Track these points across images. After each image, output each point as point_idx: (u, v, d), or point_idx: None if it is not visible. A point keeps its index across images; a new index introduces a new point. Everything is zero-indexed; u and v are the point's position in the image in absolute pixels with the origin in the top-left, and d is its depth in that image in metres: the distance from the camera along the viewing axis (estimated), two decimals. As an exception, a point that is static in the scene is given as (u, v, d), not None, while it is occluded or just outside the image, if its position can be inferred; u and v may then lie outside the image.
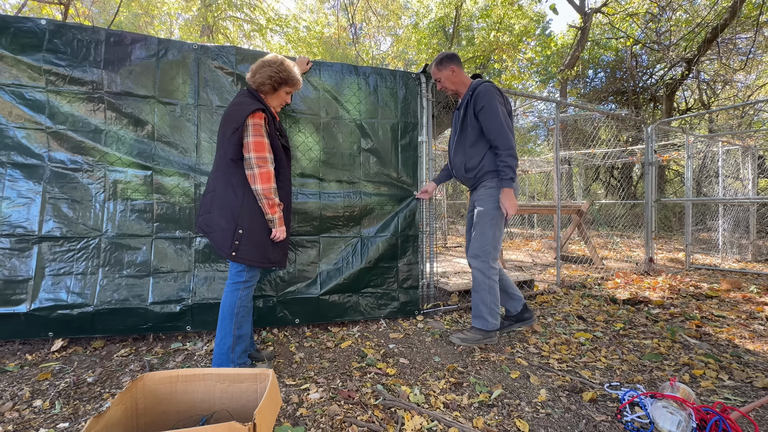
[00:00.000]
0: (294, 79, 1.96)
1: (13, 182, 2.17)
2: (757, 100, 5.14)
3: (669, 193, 12.15)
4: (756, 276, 4.66)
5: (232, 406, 1.39)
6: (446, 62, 2.42)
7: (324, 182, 2.69)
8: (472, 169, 2.39)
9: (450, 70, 2.42)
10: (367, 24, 15.18)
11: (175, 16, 11.45)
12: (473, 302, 2.40)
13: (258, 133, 1.77)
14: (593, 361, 2.19)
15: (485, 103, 2.25)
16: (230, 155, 1.78)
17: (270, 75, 1.89)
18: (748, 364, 2.14)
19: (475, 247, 2.36)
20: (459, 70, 2.43)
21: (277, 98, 1.98)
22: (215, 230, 1.80)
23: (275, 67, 1.90)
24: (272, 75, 1.89)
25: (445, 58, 2.43)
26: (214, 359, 1.82)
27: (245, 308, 1.86)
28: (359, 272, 2.71)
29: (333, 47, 14.80)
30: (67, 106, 2.25)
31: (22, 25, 2.19)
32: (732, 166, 6.32)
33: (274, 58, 1.93)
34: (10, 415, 1.56)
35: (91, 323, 2.20)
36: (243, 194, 1.79)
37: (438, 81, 2.47)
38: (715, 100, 12.05)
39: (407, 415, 1.58)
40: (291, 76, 1.94)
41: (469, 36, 14.30)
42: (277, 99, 1.98)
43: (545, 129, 13.94)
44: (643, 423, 1.56)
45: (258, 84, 1.90)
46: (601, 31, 12.76)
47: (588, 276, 4.57)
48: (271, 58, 1.93)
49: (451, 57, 2.44)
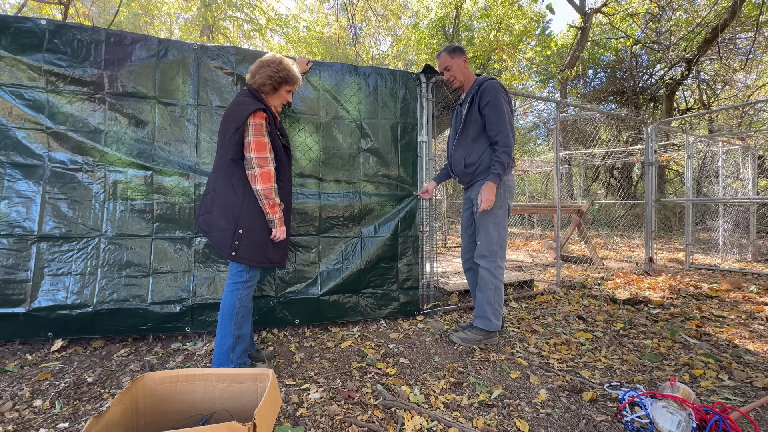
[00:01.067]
0: (294, 77, 1.96)
1: (12, 182, 2.17)
2: (757, 100, 5.15)
3: (669, 193, 12.15)
4: (756, 276, 4.66)
5: (232, 406, 1.39)
6: (459, 52, 2.41)
7: (324, 182, 2.69)
8: (472, 164, 2.38)
9: (462, 59, 2.42)
10: (367, 24, 15.18)
11: (175, 16, 11.45)
12: (478, 301, 2.40)
13: (259, 133, 1.76)
14: (593, 361, 2.19)
15: (491, 98, 2.25)
16: (231, 155, 1.78)
17: (270, 75, 1.89)
18: (748, 364, 2.14)
19: (481, 248, 2.36)
20: (467, 63, 2.44)
21: (278, 97, 1.98)
22: (215, 230, 1.80)
23: (274, 66, 1.90)
24: (272, 75, 1.89)
25: (458, 48, 2.42)
26: (214, 359, 1.82)
27: (245, 308, 1.86)
28: (359, 272, 2.71)
29: (333, 47, 14.80)
30: (67, 106, 2.25)
31: (22, 25, 2.19)
32: (732, 166, 6.32)
33: (272, 58, 1.93)
34: (10, 415, 1.56)
35: (90, 324, 2.20)
36: (243, 194, 1.79)
37: (447, 69, 2.43)
38: (715, 100, 12.05)
39: (407, 415, 1.58)
40: (290, 75, 1.94)
41: (469, 36, 14.30)
42: (278, 98, 1.98)
43: (545, 129, 13.93)
44: (643, 423, 1.56)
45: (258, 84, 1.90)
46: (601, 31, 12.75)
47: (588, 276, 4.57)
48: (269, 58, 1.93)
49: (462, 49, 2.43)
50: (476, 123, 2.34)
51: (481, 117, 2.32)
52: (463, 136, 2.42)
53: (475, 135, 2.35)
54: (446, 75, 2.46)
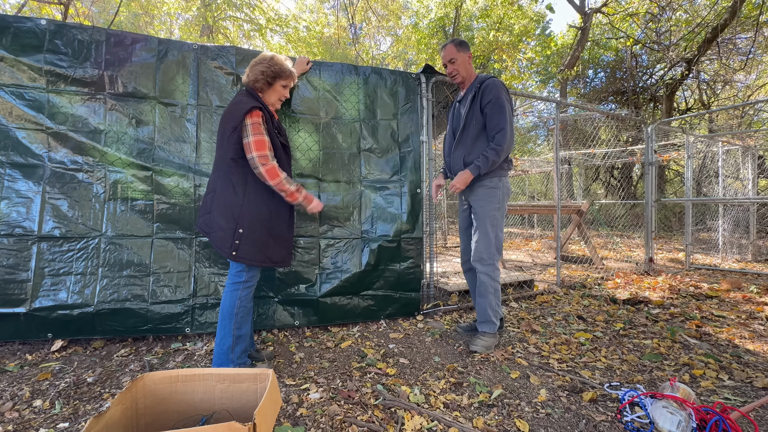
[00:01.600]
0: (286, 71, 1.97)
1: (12, 182, 2.17)
2: (757, 100, 5.14)
3: (669, 193, 12.15)
4: (756, 276, 4.65)
5: (232, 406, 1.39)
6: (465, 47, 2.39)
7: (323, 182, 2.69)
8: (471, 164, 2.33)
9: (467, 55, 2.40)
10: (366, 24, 15.18)
11: (175, 16, 11.45)
12: (480, 306, 2.37)
13: (257, 132, 1.77)
14: (593, 361, 2.19)
15: (493, 96, 2.23)
16: (230, 154, 1.79)
17: (262, 71, 1.90)
18: (748, 364, 2.14)
19: (479, 251, 2.33)
20: (471, 60, 2.43)
21: (274, 93, 1.98)
22: (215, 230, 1.80)
23: (266, 62, 1.92)
24: (264, 70, 1.90)
25: (464, 42, 2.39)
26: (214, 359, 1.83)
27: (245, 308, 1.86)
28: (359, 274, 2.70)
29: (333, 47, 14.80)
30: (67, 107, 2.25)
31: (22, 25, 2.19)
32: (732, 166, 6.32)
33: (263, 55, 1.95)
34: (10, 415, 1.56)
35: (91, 324, 2.20)
36: (243, 193, 1.79)
37: (452, 62, 2.38)
38: (715, 100, 12.05)
39: (407, 415, 1.58)
40: (283, 69, 1.95)
41: (469, 36, 14.29)
42: (275, 94, 1.98)
43: (545, 129, 13.93)
44: (643, 423, 1.56)
45: (252, 81, 1.91)
46: (601, 31, 12.75)
47: (588, 276, 4.57)
48: (261, 56, 1.95)
49: (467, 44, 2.42)
50: (477, 121, 2.30)
51: (483, 115, 2.29)
52: (464, 134, 2.38)
53: (476, 134, 2.32)
54: (449, 68, 2.41)
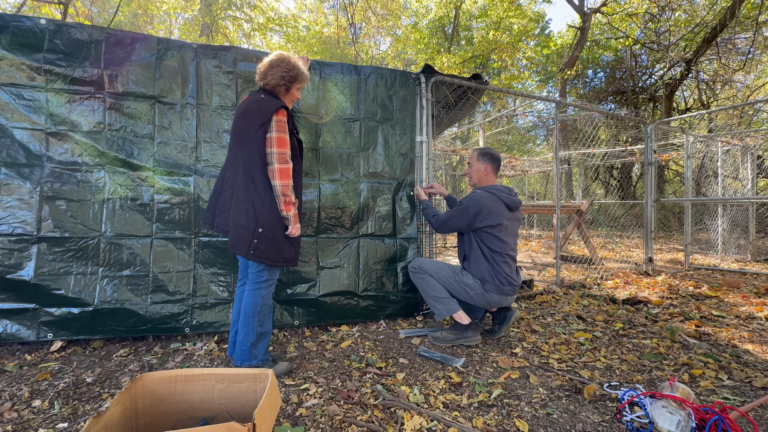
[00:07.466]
0: (303, 74, 1.97)
1: (11, 182, 2.16)
2: (757, 100, 5.15)
3: (668, 193, 12.16)
4: (755, 276, 4.66)
5: (232, 406, 1.39)
6: (488, 159, 2.51)
7: (323, 182, 2.69)
8: None
9: (485, 166, 2.51)
10: (366, 24, 15.16)
11: (175, 15, 11.44)
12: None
13: (281, 130, 1.79)
14: (593, 360, 2.20)
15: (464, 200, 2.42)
16: (255, 151, 1.78)
17: (282, 75, 1.89)
18: (747, 364, 2.14)
19: None
20: (491, 172, 2.52)
21: (291, 96, 1.99)
22: (234, 228, 1.80)
23: (284, 66, 1.89)
24: (284, 75, 1.89)
25: (489, 154, 2.52)
26: (237, 355, 1.87)
27: (267, 306, 1.90)
28: (358, 274, 2.70)
29: (332, 47, 14.77)
30: (66, 106, 2.24)
31: (21, 24, 2.18)
32: (731, 166, 6.32)
33: (280, 58, 1.91)
34: (9, 415, 1.56)
35: (90, 324, 2.20)
36: (264, 192, 1.79)
37: (469, 165, 2.59)
38: (714, 100, 12.06)
39: (407, 415, 1.58)
40: (300, 72, 1.95)
41: (469, 36, 14.30)
42: (291, 97, 1.99)
43: (545, 129, 13.94)
44: (643, 423, 1.56)
45: (273, 86, 1.90)
46: (600, 31, 12.76)
47: (587, 276, 4.58)
48: (277, 58, 1.91)
49: (493, 156, 2.52)
50: None
51: None
52: None
53: None
54: (466, 169, 2.62)
